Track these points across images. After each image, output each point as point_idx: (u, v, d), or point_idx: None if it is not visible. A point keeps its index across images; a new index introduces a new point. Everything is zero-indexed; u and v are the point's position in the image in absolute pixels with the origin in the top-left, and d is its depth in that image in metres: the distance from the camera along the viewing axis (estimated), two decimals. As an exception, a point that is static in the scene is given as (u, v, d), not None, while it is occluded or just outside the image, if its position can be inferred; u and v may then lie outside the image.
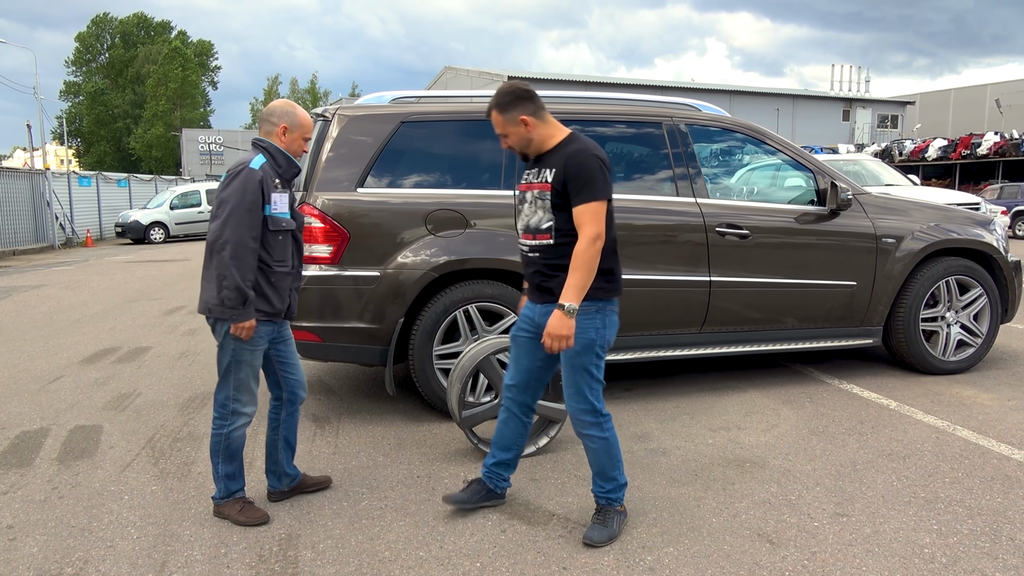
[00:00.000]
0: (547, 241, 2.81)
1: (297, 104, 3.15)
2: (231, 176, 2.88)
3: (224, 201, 2.83)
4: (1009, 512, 3.07)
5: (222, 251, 2.80)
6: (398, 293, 4.14)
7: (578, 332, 2.73)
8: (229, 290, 2.81)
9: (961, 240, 5.07)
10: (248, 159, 2.93)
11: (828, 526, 2.97)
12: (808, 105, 45.70)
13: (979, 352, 5.21)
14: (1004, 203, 20.56)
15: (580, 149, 2.73)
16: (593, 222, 2.68)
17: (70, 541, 2.95)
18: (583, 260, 2.66)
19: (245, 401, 3.04)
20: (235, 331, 2.89)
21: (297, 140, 3.05)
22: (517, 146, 2.88)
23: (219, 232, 2.81)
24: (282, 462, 3.26)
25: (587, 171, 2.69)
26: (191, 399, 4.93)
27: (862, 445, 3.85)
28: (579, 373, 2.80)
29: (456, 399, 3.67)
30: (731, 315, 4.68)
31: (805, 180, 5.02)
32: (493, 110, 2.85)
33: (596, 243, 2.67)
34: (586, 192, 2.68)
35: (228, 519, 3.07)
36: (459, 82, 43.84)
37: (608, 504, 2.94)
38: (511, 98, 2.81)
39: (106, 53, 64.13)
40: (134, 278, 12.45)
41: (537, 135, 2.83)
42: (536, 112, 2.82)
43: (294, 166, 3.05)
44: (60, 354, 6.39)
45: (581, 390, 2.82)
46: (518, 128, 2.82)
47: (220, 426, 3.03)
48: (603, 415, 2.85)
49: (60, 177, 23.57)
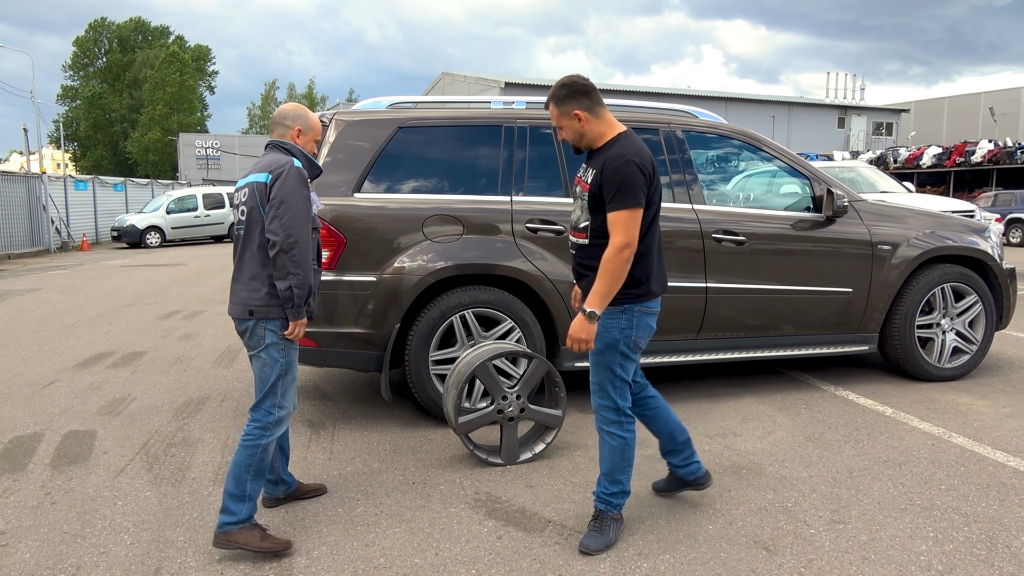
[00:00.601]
0: (583, 240, 2.90)
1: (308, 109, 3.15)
2: (280, 175, 2.80)
3: (284, 200, 2.76)
4: (1005, 519, 3.07)
5: (292, 249, 2.74)
6: (395, 298, 4.14)
7: (602, 331, 2.81)
8: (300, 288, 2.77)
9: (956, 247, 5.08)
10: (283, 159, 2.86)
11: (824, 533, 2.97)
12: (804, 112, 45.88)
13: (974, 359, 5.22)
14: (998, 210, 20.64)
15: (618, 154, 2.74)
16: (623, 230, 2.69)
17: (63, 547, 2.93)
18: (609, 268, 2.69)
19: (287, 405, 2.95)
20: (294, 329, 2.85)
21: (310, 143, 3.05)
22: (571, 139, 2.91)
23: (288, 232, 2.74)
24: (278, 469, 3.20)
25: (620, 177, 2.69)
26: (186, 404, 4.91)
27: (858, 452, 3.85)
28: (602, 370, 2.87)
29: (452, 405, 3.66)
30: (727, 321, 4.68)
31: (801, 187, 5.04)
32: (550, 102, 2.88)
33: (624, 252, 2.68)
34: (617, 199, 2.70)
35: (246, 548, 2.79)
36: (456, 88, 43.90)
37: (606, 509, 2.92)
38: (568, 92, 2.83)
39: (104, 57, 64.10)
40: (130, 282, 12.41)
41: (589, 131, 2.84)
42: (591, 108, 2.83)
43: (316, 167, 3.05)
44: (54, 358, 6.36)
45: (604, 387, 2.88)
46: (572, 122, 2.84)
47: (259, 437, 2.86)
48: (626, 415, 2.89)
49: (56, 181, 23.52)
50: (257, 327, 2.86)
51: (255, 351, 2.90)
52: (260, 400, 2.90)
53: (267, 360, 2.88)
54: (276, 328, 2.86)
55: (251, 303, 2.83)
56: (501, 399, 3.69)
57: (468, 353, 3.80)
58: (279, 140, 2.98)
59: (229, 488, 2.83)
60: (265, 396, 2.89)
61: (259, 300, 2.82)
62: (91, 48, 63.63)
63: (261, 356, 2.89)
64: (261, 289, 2.82)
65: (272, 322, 2.85)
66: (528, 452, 3.77)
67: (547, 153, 4.52)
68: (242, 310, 2.86)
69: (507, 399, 3.69)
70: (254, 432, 2.88)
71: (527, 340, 4.29)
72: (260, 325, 2.85)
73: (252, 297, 2.83)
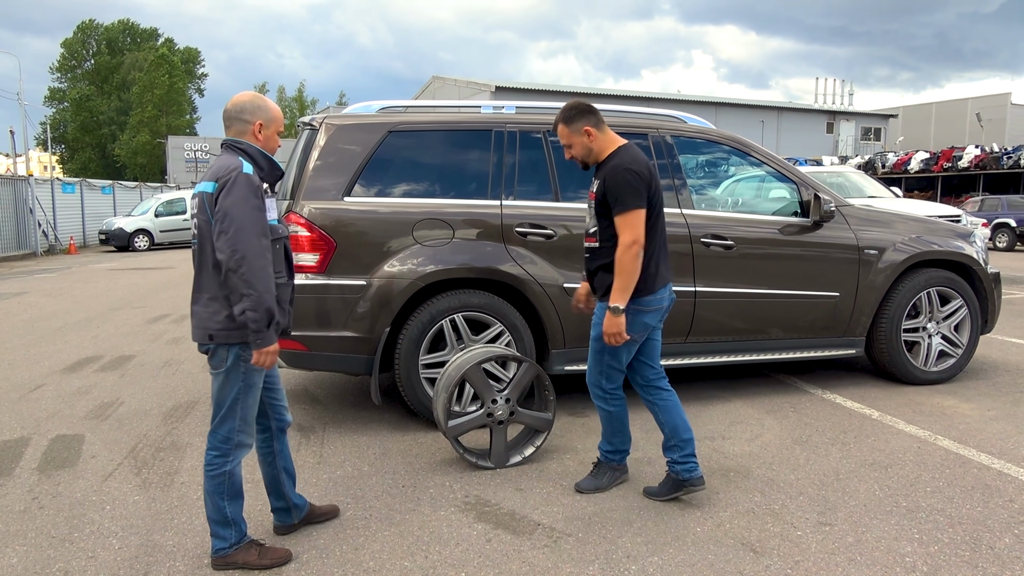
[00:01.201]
0: (594, 244, 3.24)
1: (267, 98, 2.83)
2: (226, 184, 2.52)
3: (229, 213, 2.48)
4: (989, 521, 3.10)
5: (239, 267, 2.45)
6: (385, 302, 4.14)
7: (597, 323, 3.22)
8: (255, 311, 2.48)
9: (942, 252, 5.14)
10: (232, 164, 2.57)
11: (811, 535, 3.00)
12: (793, 117, 46.20)
13: (960, 362, 5.27)
14: (985, 215, 20.83)
15: (616, 164, 3.09)
16: (628, 230, 3.03)
17: (50, 552, 2.91)
18: (622, 264, 3.04)
19: (249, 431, 2.74)
20: (259, 358, 2.56)
21: (273, 136, 2.75)
22: (579, 155, 3.23)
23: (234, 248, 2.46)
24: (289, 495, 2.99)
25: (621, 183, 3.03)
26: (174, 408, 4.89)
27: (845, 455, 3.88)
28: (597, 357, 3.30)
29: (442, 409, 3.67)
30: (716, 325, 4.71)
31: (789, 192, 5.08)
32: (560, 123, 3.20)
33: (632, 248, 3.02)
34: (620, 203, 3.04)
35: (246, 567, 2.72)
36: (447, 91, 43.93)
37: (605, 460, 3.48)
38: (576, 112, 3.17)
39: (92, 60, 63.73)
40: (118, 286, 12.35)
41: (597, 145, 3.18)
42: (597, 124, 3.18)
43: (277, 168, 2.76)
44: (42, 362, 6.32)
45: (602, 370, 3.31)
46: (582, 138, 3.17)
47: (222, 464, 2.68)
48: (611, 394, 3.34)
49: (43, 184, 23.36)
50: (220, 349, 2.63)
51: (216, 372, 2.67)
52: (217, 425, 2.69)
53: (225, 381, 2.66)
54: (240, 351, 2.62)
55: (211, 327, 2.59)
56: (491, 403, 3.70)
57: (458, 357, 3.81)
58: (235, 140, 2.68)
59: (211, 516, 2.73)
60: (223, 421, 2.68)
61: (219, 324, 2.58)
62: (79, 50, 63.27)
63: (220, 376, 2.66)
64: (221, 311, 2.57)
65: (235, 347, 2.62)
66: (518, 455, 3.78)
67: (537, 158, 4.54)
68: (202, 334, 2.62)
69: (496, 403, 3.70)
70: (215, 461, 2.69)
71: (517, 344, 4.30)
72: (220, 348, 2.63)
73: (212, 320, 2.59)
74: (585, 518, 3.16)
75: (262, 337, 2.53)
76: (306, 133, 4.43)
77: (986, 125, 40.43)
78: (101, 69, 62.64)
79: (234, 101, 2.71)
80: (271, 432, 2.94)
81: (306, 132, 4.44)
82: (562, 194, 4.51)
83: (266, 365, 2.61)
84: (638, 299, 3.11)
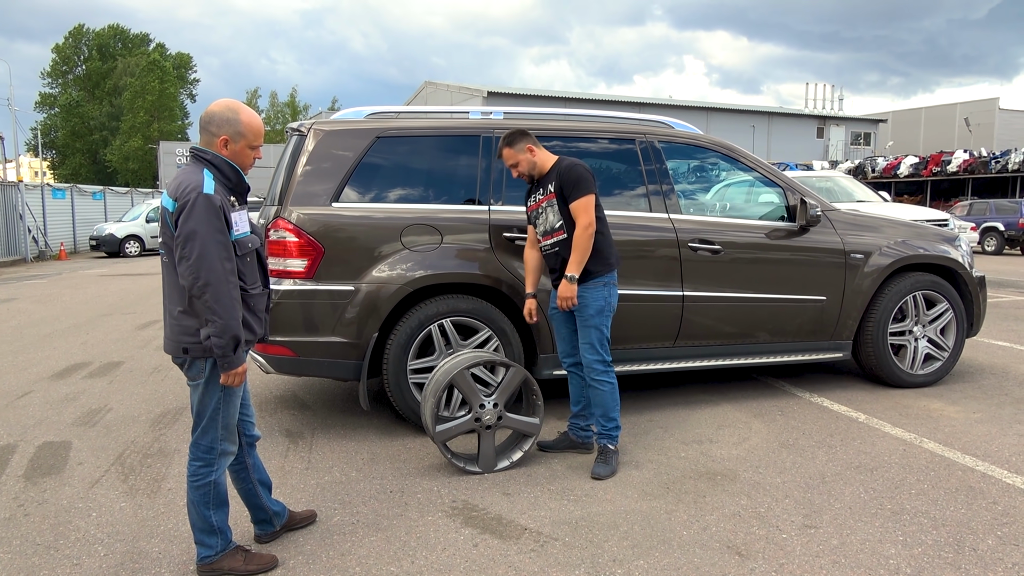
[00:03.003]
0: (562, 236, 3.73)
1: (246, 106, 2.66)
2: (186, 206, 2.43)
3: (190, 239, 2.42)
4: (972, 523, 3.13)
5: (203, 295, 2.42)
6: (373, 307, 4.14)
7: (592, 301, 3.69)
8: (220, 337, 2.45)
9: (928, 256, 5.18)
10: (194, 181, 2.47)
11: (796, 538, 3.01)
12: (783, 122, 46.42)
13: (946, 366, 5.31)
14: (973, 219, 20.99)
15: (570, 163, 3.71)
16: (584, 213, 3.61)
17: (35, 559, 2.90)
18: (579, 242, 3.62)
19: (232, 438, 2.72)
20: (227, 379, 2.55)
21: (243, 151, 2.60)
22: (526, 170, 3.77)
23: (195, 275, 2.42)
24: (267, 505, 2.98)
25: (576, 175, 3.64)
26: (163, 414, 4.88)
27: (831, 458, 3.91)
28: (594, 332, 3.73)
29: (430, 414, 3.67)
30: (704, 329, 4.73)
31: (776, 197, 5.11)
32: (504, 147, 3.75)
33: (588, 229, 3.61)
34: (577, 191, 3.62)
35: (232, 574, 2.72)
36: (439, 97, 43.96)
37: (608, 442, 3.77)
38: (517, 134, 3.75)
39: (83, 65, 63.48)
40: (108, 292, 12.30)
41: (539, 159, 3.76)
42: (535, 143, 3.77)
43: (244, 181, 2.65)
44: (29, 369, 6.29)
45: (595, 345, 3.74)
46: (526, 155, 3.73)
47: (207, 473, 2.66)
48: (609, 365, 3.77)
49: (34, 189, 23.27)
50: (196, 361, 2.60)
51: (194, 383, 2.64)
52: (199, 436, 2.66)
53: (204, 392, 2.62)
54: (209, 365, 2.60)
55: (184, 341, 2.56)
56: (479, 407, 3.71)
57: (446, 362, 3.82)
58: (201, 149, 2.58)
59: (196, 524, 2.71)
60: (205, 431, 2.65)
61: (193, 339, 2.54)
62: (70, 56, 63.01)
63: (199, 387, 2.63)
64: (194, 325, 2.54)
65: (211, 360, 2.58)
66: (506, 460, 3.79)
67: (525, 163, 4.55)
68: (176, 347, 2.58)
69: (484, 407, 3.71)
70: (200, 472, 2.66)
71: (505, 349, 4.31)
72: (195, 360, 2.60)
73: (185, 335, 2.56)
74: (572, 522, 3.17)
75: (228, 361, 2.52)
76: (294, 139, 4.44)
77: (974, 130, 40.73)
78: (92, 74, 62.37)
79: (208, 109, 2.62)
80: (241, 448, 2.88)
81: (294, 138, 4.44)
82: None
83: (235, 384, 2.59)
84: (610, 274, 3.75)
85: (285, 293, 4.09)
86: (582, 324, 3.75)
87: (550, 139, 4.61)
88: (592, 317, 3.72)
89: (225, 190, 2.57)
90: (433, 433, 3.69)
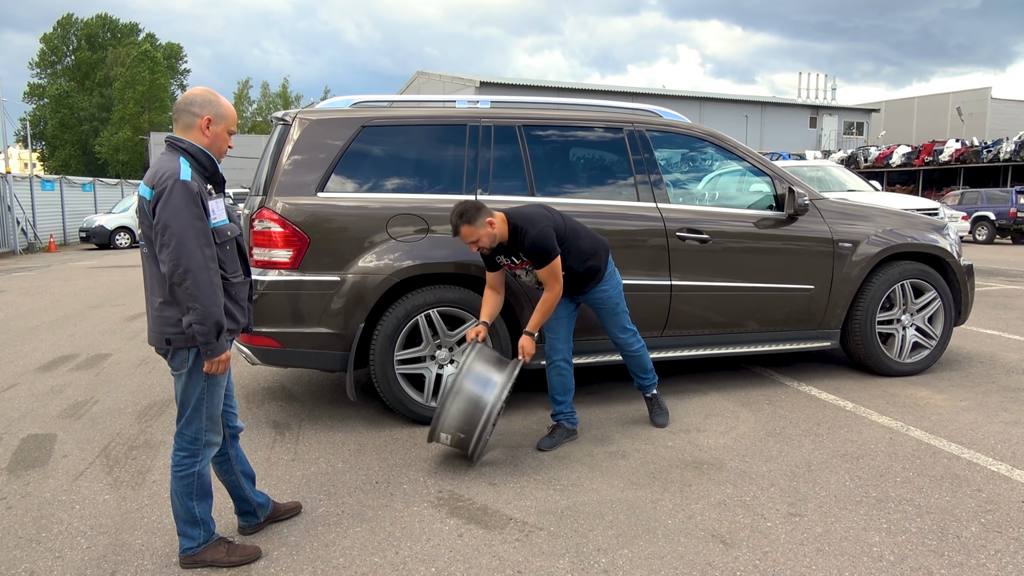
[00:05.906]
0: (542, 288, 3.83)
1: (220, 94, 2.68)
2: (163, 193, 2.43)
3: (169, 225, 2.41)
4: (956, 510, 3.14)
5: (183, 282, 2.41)
6: (359, 298, 4.12)
7: (612, 292, 3.99)
8: (202, 324, 2.44)
9: (915, 244, 5.18)
10: (171, 168, 2.48)
11: (781, 526, 3.02)
12: (776, 112, 46.40)
13: (933, 354, 5.32)
14: (965, 208, 21.06)
15: (531, 240, 3.62)
16: (551, 279, 3.72)
17: (17, 552, 2.88)
18: (545, 305, 3.77)
19: (217, 429, 2.71)
20: (210, 367, 2.54)
21: (222, 135, 2.62)
22: (488, 244, 3.63)
23: (175, 262, 2.41)
24: (251, 497, 2.97)
25: (538, 248, 3.63)
26: (149, 406, 4.85)
27: (817, 446, 3.91)
28: (621, 316, 4.05)
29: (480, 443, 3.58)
30: (692, 318, 4.73)
31: (765, 186, 5.10)
32: (463, 225, 3.56)
33: (556, 292, 3.76)
34: (542, 260, 3.66)
35: (214, 565, 2.71)
36: (431, 87, 43.76)
37: (652, 389, 4.26)
38: (474, 210, 3.57)
39: (72, 55, 62.92)
40: (97, 284, 12.22)
41: (499, 230, 3.63)
42: (491, 213, 3.63)
43: (219, 171, 2.64)
44: (16, 361, 6.25)
45: (625, 326, 4.07)
46: (486, 230, 3.58)
47: (191, 464, 2.66)
48: (637, 332, 4.14)
49: (22, 181, 23.07)
50: (180, 351, 2.60)
51: (177, 373, 2.64)
52: (184, 426, 2.66)
53: (188, 382, 2.63)
54: (193, 355, 2.60)
55: (167, 332, 2.55)
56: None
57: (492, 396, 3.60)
58: (176, 137, 2.58)
59: (179, 515, 2.70)
60: (189, 421, 2.65)
61: (175, 329, 2.54)
62: (59, 46, 62.42)
63: (183, 378, 2.63)
64: (175, 316, 2.53)
65: (195, 348, 2.57)
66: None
67: (512, 152, 4.52)
68: (159, 339, 2.58)
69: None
70: (184, 462, 2.66)
71: (492, 339, 4.30)
72: (179, 351, 2.60)
73: (167, 325, 2.55)
74: (557, 512, 3.17)
75: (211, 348, 2.51)
76: (279, 128, 4.39)
77: (967, 119, 40.82)
78: (82, 65, 61.83)
79: (184, 95, 2.62)
80: (225, 439, 2.86)
81: (279, 127, 4.40)
82: (537, 188, 4.50)
83: (218, 372, 2.59)
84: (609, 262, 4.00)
85: (270, 284, 4.07)
86: (610, 313, 4.02)
87: (540, 128, 4.59)
88: (617, 305, 4.02)
89: (201, 178, 2.56)
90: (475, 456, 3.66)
